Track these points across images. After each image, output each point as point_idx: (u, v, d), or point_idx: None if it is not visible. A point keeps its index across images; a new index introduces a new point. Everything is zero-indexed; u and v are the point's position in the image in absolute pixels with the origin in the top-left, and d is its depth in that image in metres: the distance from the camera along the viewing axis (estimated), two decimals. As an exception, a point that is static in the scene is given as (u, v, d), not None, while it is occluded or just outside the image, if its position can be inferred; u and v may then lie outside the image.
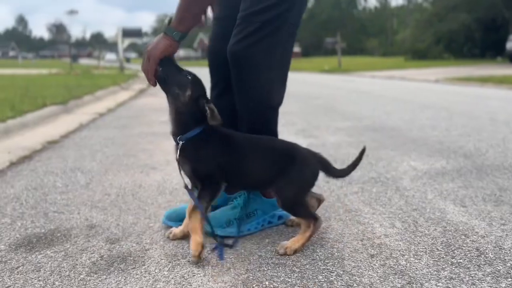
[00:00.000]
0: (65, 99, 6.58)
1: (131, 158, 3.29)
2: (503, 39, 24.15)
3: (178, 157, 1.64)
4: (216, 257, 1.64)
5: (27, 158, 3.29)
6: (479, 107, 6.31)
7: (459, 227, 1.90)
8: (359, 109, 6.31)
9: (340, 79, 15.21)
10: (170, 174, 2.82)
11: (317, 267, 1.56)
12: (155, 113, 5.94)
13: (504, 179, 2.60)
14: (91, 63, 40.86)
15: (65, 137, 4.17)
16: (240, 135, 1.77)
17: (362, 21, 79.39)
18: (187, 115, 1.65)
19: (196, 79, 1.66)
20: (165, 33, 1.64)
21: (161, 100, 8.27)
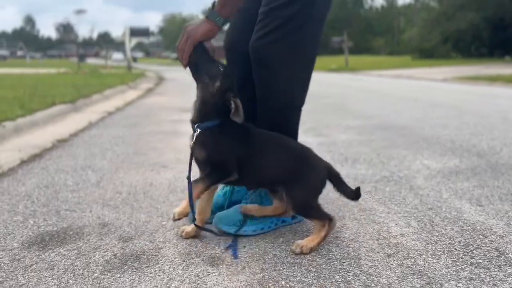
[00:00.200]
0: (74, 98, 6.59)
1: (141, 156, 3.28)
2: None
3: (192, 144, 1.63)
4: (230, 256, 1.62)
5: (38, 156, 3.29)
6: (489, 106, 6.25)
7: (477, 226, 1.86)
8: (368, 108, 6.27)
9: (347, 78, 15.15)
10: (181, 172, 2.81)
11: (334, 266, 1.54)
12: (164, 112, 5.93)
13: (519, 178, 2.56)
14: (99, 62, 41.03)
15: (74, 136, 4.17)
16: (258, 130, 1.74)
17: (368, 20, 79.09)
18: (212, 105, 1.63)
19: (228, 72, 1.64)
20: (207, 17, 1.59)
21: (170, 99, 8.32)
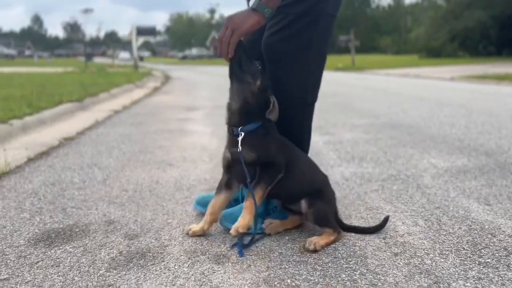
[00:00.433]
0: (81, 96, 6.62)
1: (147, 154, 3.28)
2: (520, 36, 23.77)
3: (241, 147, 1.61)
4: (236, 254, 1.62)
5: (45, 154, 3.30)
6: (497, 104, 6.19)
7: (485, 225, 1.84)
8: (375, 107, 6.24)
9: (354, 77, 15.09)
10: (187, 170, 2.80)
11: (340, 265, 1.53)
12: (171, 111, 5.94)
13: (528, 177, 2.53)
14: (106, 61, 41.18)
15: (81, 134, 4.18)
16: (287, 140, 1.75)
17: (375, 19, 78.70)
18: (253, 106, 1.62)
19: (264, 69, 1.63)
20: (255, 9, 1.54)
21: (176, 98, 8.32)
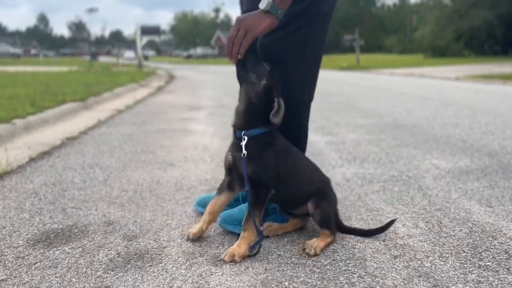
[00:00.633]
0: (85, 96, 6.63)
1: (149, 154, 3.28)
2: (526, 36, 23.62)
3: (244, 154, 1.59)
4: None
5: (47, 154, 3.31)
6: (502, 104, 6.15)
7: (486, 228, 1.83)
8: (379, 106, 6.22)
9: (358, 76, 15.05)
10: (188, 170, 2.80)
11: (338, 267, 1.52)
12: (174, 110, 5.94)
13: (531, 179, 2.51)
14: (110, 60, 41.28)
15: (84, 133, 4.19)
16: (291, 145, 1.75)
17: (380, 18, 78.46)
18: (257, 108, 1.61)
19: (273, 71, 1.62)
20: (268, 11, 1.53)
21: (180, 97, 8.33)
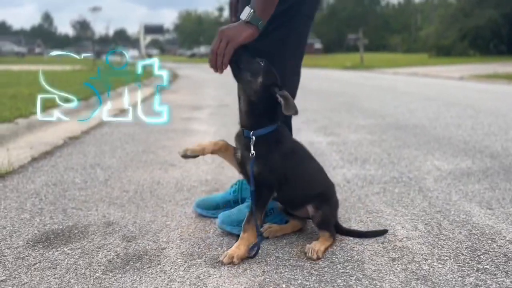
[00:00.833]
0: (87, 95, 6.65)
1: (150, 154, 3.29)
2: (532, 35, 23.48)
3: (252, 154, 1.60)
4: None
5: (49, 153, 3.32)
6: (506, 105, 6.13)
7: (486, 230, 1.82)
8: (382, 106, 6.20)
9: (362, 76, 15.02)
10: (188, 171, 2.81)
11: (336, 270, 1.52)
12: (176, 110, 5.95)
13: (533, 181, 2.50)
14: (114, 59, 41.24)
15: (86, 133, 4.20)
16: (299, 145, 1.75)
17: (385, 17, 78.25)
18: (260, 106, 1.61)
19: (268, 67, 1.62)
20: (249, 21, 1.57)
21: (183, 97, 8.33)
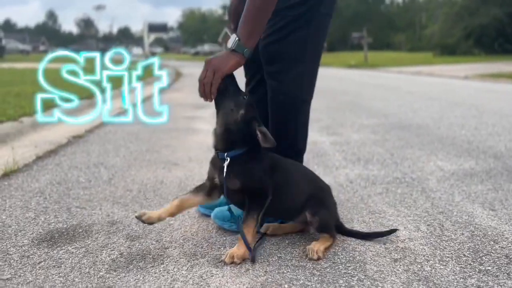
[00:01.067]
0: (91, 93, 6.66)
1: (154, 153, 3.31)
2: (537, 34, 23.34)
3: (225, 174, 1.61)
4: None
5: (53, 152, 3.34)
6: (510, 105, 6.11)
7: (488, 232, 1.82)
8: (385, 106, 6.20)
9: (366, 75, 14.99)
10: (192, 170, 2.82)
11: (338, 270, 1.53)
12: (180, 108, 5.97)
13: (536, 182, 2.50)
14: (118, 57, 41.31)
15: (90, 132, 4.22)
16: (279, 158, 1.75)
17: (389, 15, 77.96)
18: (236, 134, 1.63)
19: (251, 101, 1.65)
20: (234, 50, 1.59)
21: (186, 95, 8.35)
